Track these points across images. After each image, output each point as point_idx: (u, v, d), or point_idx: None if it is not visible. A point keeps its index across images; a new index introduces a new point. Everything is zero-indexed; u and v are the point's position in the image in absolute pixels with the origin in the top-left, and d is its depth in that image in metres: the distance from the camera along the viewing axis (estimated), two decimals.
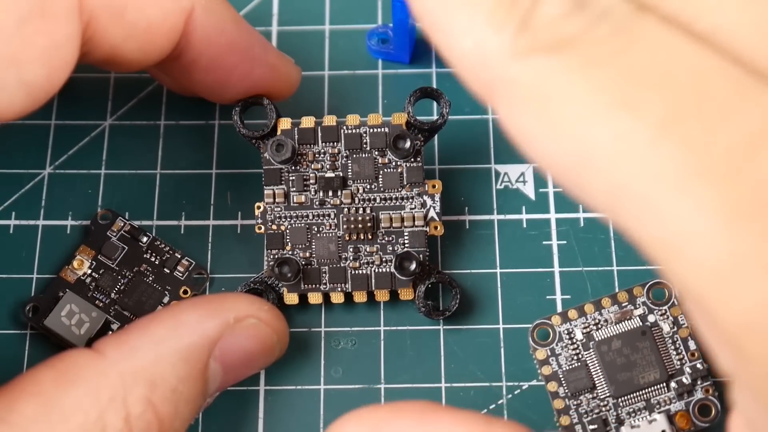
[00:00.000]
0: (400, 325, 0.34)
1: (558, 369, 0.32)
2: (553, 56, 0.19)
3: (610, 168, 0.19)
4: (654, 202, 0.18)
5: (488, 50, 0.20)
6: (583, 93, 0.19)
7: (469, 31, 0.20)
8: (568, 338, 0.32)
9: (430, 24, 0.22)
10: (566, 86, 0.19)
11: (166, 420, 0.28)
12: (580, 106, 0.19)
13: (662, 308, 0.32)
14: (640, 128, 0.18)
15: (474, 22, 0.20)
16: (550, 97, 0.19)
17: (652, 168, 0.18)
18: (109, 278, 0.34)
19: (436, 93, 0.33)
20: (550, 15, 0.19)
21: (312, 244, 0.33)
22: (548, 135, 0.20)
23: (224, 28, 0.31)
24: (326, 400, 0.33)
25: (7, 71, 0.26)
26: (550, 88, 0.19)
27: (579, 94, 0.19)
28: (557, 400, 0.32)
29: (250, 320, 0.30)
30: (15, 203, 0.35)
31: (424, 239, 0.33)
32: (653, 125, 0.18)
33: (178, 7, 0.30)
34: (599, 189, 0.19)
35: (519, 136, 0.20)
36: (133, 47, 0.29)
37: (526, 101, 0.20)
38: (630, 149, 0.18)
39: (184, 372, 0.28)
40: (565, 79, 0.19)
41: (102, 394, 0.27)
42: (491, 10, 0.20)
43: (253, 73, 0.32)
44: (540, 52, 0.19)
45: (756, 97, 0.18)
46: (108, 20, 0.28)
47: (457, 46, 0.21)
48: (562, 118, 0.19)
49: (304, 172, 0.33)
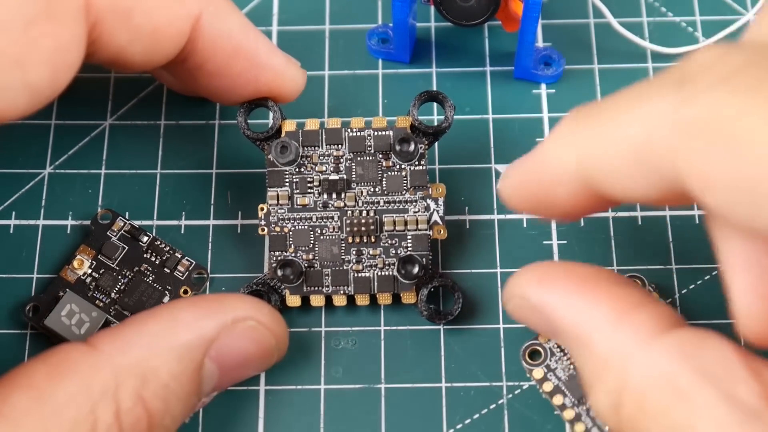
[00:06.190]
0: (400, 325, 0.34)
1: (558, 382, 0.32)
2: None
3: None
4: None
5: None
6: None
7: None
8: (560, 351, 0.32)
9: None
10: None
11: (155, 416, 0.28)
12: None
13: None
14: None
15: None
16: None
17: None
18: (110, 278, 0.34)
19: (441, 97, 0.33)
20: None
21: (315, 247, 0.33)
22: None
23: (231, 33, 0.31)
24: (326, 400, 0.33)
25: (11, 73, 0.26)
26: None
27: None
28: (566, 411, 0.31)
29: (248, 322, 0.30)
30: (15, 203, 0.35)
31: (427, 243, 0.33)
32: None
33: (185, 11, 0.30)
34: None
35: None
36: (139, 50, 0.29)
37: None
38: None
39: (177, 369, 0.28)
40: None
41: (94, 387, 0.27)
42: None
43: (259, 78, 0.32)
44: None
45: None
46: (114, 23, 0.28)
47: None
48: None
49: (308, 174, 0.33)
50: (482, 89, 0.37)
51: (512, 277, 0.27)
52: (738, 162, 0.20)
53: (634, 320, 0.24)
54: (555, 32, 0.38)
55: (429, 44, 0.38)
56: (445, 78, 0.37)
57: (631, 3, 0.39)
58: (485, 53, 0.38)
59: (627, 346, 0.24)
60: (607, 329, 0.24)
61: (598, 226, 0.35)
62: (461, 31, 0.38)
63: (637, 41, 0.37)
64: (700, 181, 0.21)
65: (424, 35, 0.38)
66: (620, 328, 0.24)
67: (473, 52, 0.38)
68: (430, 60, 0.38)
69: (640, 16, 0.38)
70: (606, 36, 0.38)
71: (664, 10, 0.39)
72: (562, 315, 0.26)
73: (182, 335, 0.29)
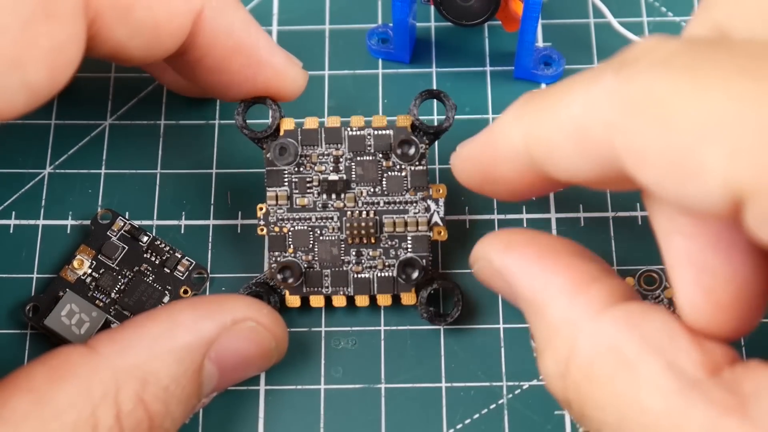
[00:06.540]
0: (400, 325, 0.34)
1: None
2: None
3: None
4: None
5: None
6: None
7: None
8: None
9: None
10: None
11: (156, 418, 0.28)
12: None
13: (655, 292, 0.33)
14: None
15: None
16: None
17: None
18: (110, 278, 0.34)
19: (442, 96, 0.33)
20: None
21: (314, 247, 0.33)
22: None
23: (232, 30, 0.31)
24: (326, 400, 0.33)
25: (9, 73, 0.25)
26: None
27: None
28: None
29: (248, 323, 0.30)
30: (15, 203, 0.35)
31: (427, 244, 0.33)
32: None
33: (187, 7, 0.29)
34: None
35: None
36: (138, 45, 0.29)
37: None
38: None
39: (178, 371, 0.28)
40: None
41: (94, 390, 0.27)
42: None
43: (258, 76, 0.32)
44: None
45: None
46: (114, 18, 0.28)
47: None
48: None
49: (307, 174, 0.33)
50: (482, 89, 0.37)
51: (480, 240, 0.29)
52: (667, 138, 0.21)
53: (589, 292, 0.25)
54: (555, 32, 0.38)
55: (429, 44, 0.38)
56: (445, 78, 0.37)
57: (631, 3, 0.39)
58: (485, 53, 0.38)
59: (578, 317, 0.25)
60: (561, 299, 0.25)
61: (598, 226, 0.35)
62: (461, 31, 0.38)
63: (638, 41, 0.37)
64: (634, 157, 0.22)
65: (424, 35, 0.38)
66: (574, 299, 0.25)
67: (473, 52, 0.38)
68: (430, 60, 0.38)
69: (640, 16, 0.38)
70: (606, 36, 0.38)
71: (664, 10, 0.39)
72: (521, 281, 0.27)
73: (182, 337, 0.29)
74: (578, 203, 0.35)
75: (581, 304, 0.25)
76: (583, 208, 0.35)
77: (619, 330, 0.24)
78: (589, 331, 0.24)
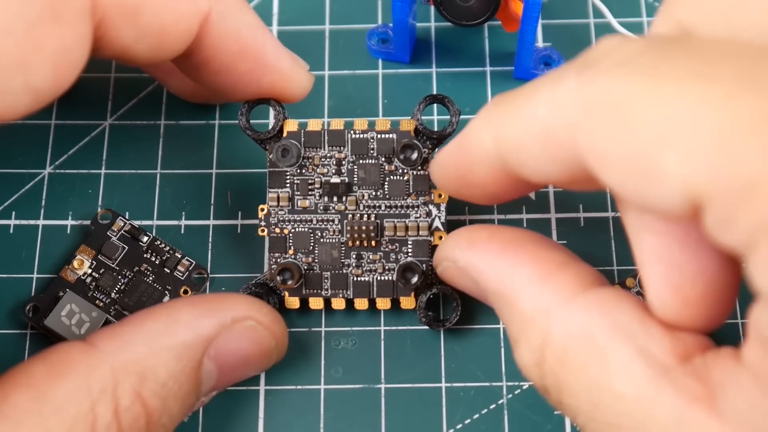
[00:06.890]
0: (400, 325, 0.34)
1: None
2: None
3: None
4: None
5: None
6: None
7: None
8: None
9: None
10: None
11: (153, 414, 0.28)
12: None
13: None
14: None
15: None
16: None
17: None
18: (110, 278, 0.34)
19: (446, 101, 0.33)
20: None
21: (315, 249, 0.33)
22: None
23: (239, 33, 0.30)
24: (326, 400, 0.33)
25: (14, 75, 0.25)
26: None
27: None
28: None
29: (248, 322, 0.30)
30: (15, 203, 0.35)
31: (427, 249, 0.33)
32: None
33: (194, 9, 0.29)
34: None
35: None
36: (144, 47, 0.29)
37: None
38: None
39: (176, 368, 0.28)
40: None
41: (93, 386, 0.27)
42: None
43: (263, 79, 0.31)
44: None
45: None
46: (120, 21, 0.28)
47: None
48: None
49: (309, 176, 0.33)
50: (482, 89, 0.37)
51: (442, 242, 0.29)
52: (627, 139, 0.21)
53: (557, 280, 0.25)
54: (555, 32, 0.38)
55: (429, 44, 0.38)
56: (445, 78, 0.37)
57: (631, 3, 0.39)
58: (485, 53, 0.38)
59: (550, 304, 0.25)
60: (530, 288, 0.26)
61: (598, 226, 0.35)
62: (461, 31, 0.38)
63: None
64: (596, 158, 0.22)
65: (424, 35, 0.38)
66: (543, 288, 0.25)
67: (473, 52, 0.38)
68: (430, 60, 0.38)
69: (640, 16, 0.38)
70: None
71: None
72: (488, 275, 0.27)
73: (181, 334, 0.29)
74: (578, 203, 0.35)
75: (551, 291, 0.25)
76: (583, 208, 0.35)
77: (591, 316, 0.24)
78: (562, 318, 0.25)
